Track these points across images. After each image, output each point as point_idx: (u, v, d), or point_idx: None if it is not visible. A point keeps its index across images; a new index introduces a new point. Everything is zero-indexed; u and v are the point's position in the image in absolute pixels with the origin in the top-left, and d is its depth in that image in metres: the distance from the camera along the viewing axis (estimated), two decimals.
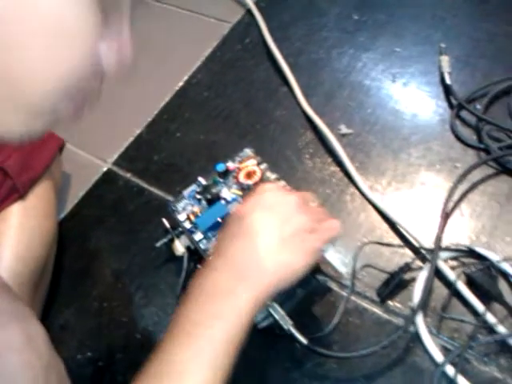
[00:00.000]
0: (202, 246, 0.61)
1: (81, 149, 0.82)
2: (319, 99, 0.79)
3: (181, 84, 0.87)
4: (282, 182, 0.63)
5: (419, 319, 0.57)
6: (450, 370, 0.53)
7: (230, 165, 0.65)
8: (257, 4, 0.94)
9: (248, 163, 0.65)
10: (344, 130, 0.75)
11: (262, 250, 0.44)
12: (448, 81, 0.75)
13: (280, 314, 0.57)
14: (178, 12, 0.99)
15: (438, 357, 0.55)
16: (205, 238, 0.61)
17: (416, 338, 0.57)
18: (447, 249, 0.60)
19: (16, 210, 0.63)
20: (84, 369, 0.61)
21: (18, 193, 0.63)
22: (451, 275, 0.59)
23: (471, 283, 0.58)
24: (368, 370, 0.56)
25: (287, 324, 0.56)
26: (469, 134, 0.71)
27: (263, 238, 0.45)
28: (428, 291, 0.59)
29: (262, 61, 0.87)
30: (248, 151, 0.66)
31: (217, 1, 0.98)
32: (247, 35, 0.92)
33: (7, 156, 0.63)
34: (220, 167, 0.63)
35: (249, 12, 0.94)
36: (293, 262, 0.45)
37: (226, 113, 0.82)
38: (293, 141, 0.76)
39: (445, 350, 0.55)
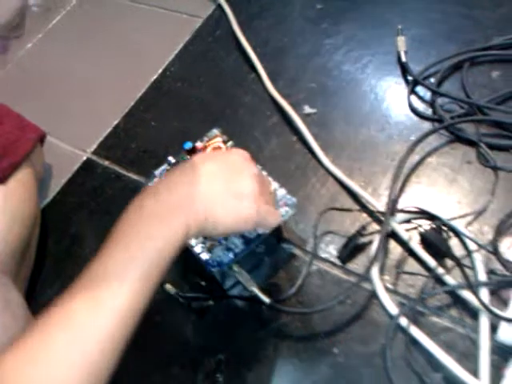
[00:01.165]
0: None
1: (61, 141, 0.85)
2: (285, 83, 0.82)
3: (155, 76, 0.90)
4: None
5: (375, 276, 0.60)
6: (404, 322, 0.56)
7: (198, 144, 0.68)
8: None
9: (215, 141, 0.68)
10: (308, 110, 0.78)
11: (202, 189, 0.46)
12: (404, 59, 0.78)
13: (245, 277, 0.60)
14: (152, 10, 1.03)
15: (393, 310, 0.57)
16: None
17: (373, 295, 0.60)
18: (400, 211, 0.63)
19: None
20: None
21: None
22: (405, 235, 0.62)
23: (424, 242, 0.61)
24: (329, 327, 0.59)
25: (252, 286, 0.59)
26: (424, 108, 0.74)
27: (209, 181, 0.46)
28: (384, 251, 0.62)
29: (231, 51, 0.90)
30: (215, 131, 0.69)
31: None
32: (217, 28, 0.95)
33: None
34: (187, 145, 0.66)
35: (219, 6, 0.98)
36: (220, 215, 0.46)
37: (198, 101, 0.85)
38: (261, 123, 0.79)
39: (401, 306, 0.58)
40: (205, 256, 0.59)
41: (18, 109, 0.76)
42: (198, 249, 0.59)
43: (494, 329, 0.54)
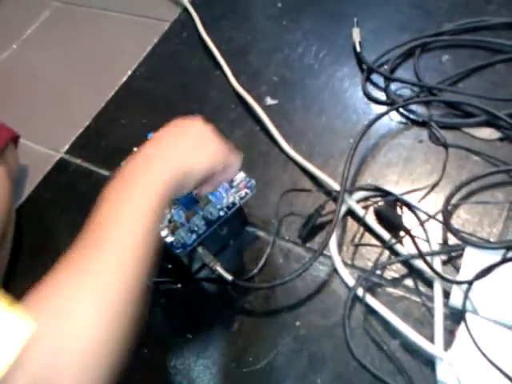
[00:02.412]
0: None
1: (36, 143, 0.85)
2: (248, 78, 0.83)
3: (125, 78, 0.90)
4: None
5: (333, 251, 0.60)
6: (361, 293, 0.57)
7: None
8: (192, 3, 0.99)
9: None
10: (269, 101, 0.79)
11: (170, 148, 0.48)
12: (358, 49, 0.79)
13: (210, 258, 0.60)
14: (122, 17, 1.03)
15: (351, 283, 0.58)
16: None
17: (333, 269, 0.60)
18: (356, 189, 0.64)
19: None
20: None
21: None
22: (360, 212, 0.62)
23: (378, 217, 0.61)
24: (291, 302, 0.59)
25: (216, 265, 0.59)
26: (379, 94, 0.75)
27: (175, 139, 0.50)
28: (342, 228, 0.63)
29: (197, 51, 0.91)
30: None
31: (155, 3, 1.02)
32: (184, 30, 0.95)
33: None
34: (149, 134, 0.66)
35: (185, 10, 0.98)
36: (192, 161, 0.48)
37: (166, 99, 0.85)
38: (225, 116, 0.79)
39: (358, 278, 0.58)
40: (169, 239, 0.59)
41: None
42: (162, 232, 0.59)
43: (446, 296, 0.54)
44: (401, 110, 0.71)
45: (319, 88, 0.79)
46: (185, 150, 0.49)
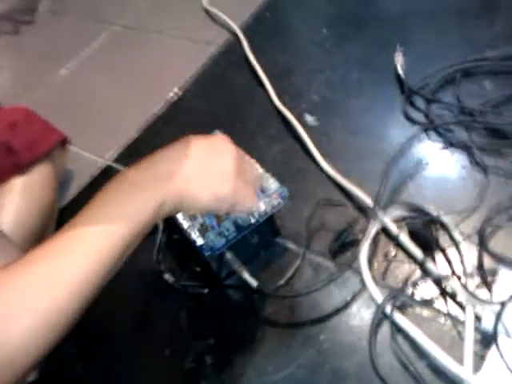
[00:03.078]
0: None
1: (85, 150, 0.88)
2: (290, 97, 0.83)
3: (174, 96, 0.93)
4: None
5: (364, 267, 0.58)
6: (389, 310, 0.54)
7: None
8: (241, 28, 1.01)
9: None
10: (309, 119, 0.78)
11: (183, 167, 0.45)
12: (400, 72, 0.78)
13: (238, 264, 0.59)
14: (174, 40, 1.07)
15: (379, 299, 0.55)
16: None
17: (362, 285, 0.58)
18: (391, 207, 0.62)
19: (18, 183, 0.68)
20: None
21: (21, 168, 0.69)
22: (394, 229, 0.60)
23: (413, 235, 0.59)
24: (317, 315, 0.57)
25: (243, 271, 0.58)
26: (418, 116, 0.74)
27: (191, 159, 0.46)
28: (374, 244, 0.61)
29: (243, 72, 0.92)
30: (217, 131, 0.70)
31: (207, 28, 1.06)
32: (232, 53, 0.98)
33: (14, 137, 0.69)
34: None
35: (234, 35, 1.01)
36: (198, 192, 0.46)
37: (211, 116, 0.87)
38: (265, 132, 0.80)
39: (387, 295, 0.56)
40: (199, 242, 0.59)
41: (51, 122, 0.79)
42: (193, 235, 0.59)
43: (477, 320, 0.51)
44: (441, 132, 0.69)
45: (359, 108, 0.78)
46: (199, 179, 0.46)
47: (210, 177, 0.47)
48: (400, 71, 0.78)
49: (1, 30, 0.43)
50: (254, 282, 0.57)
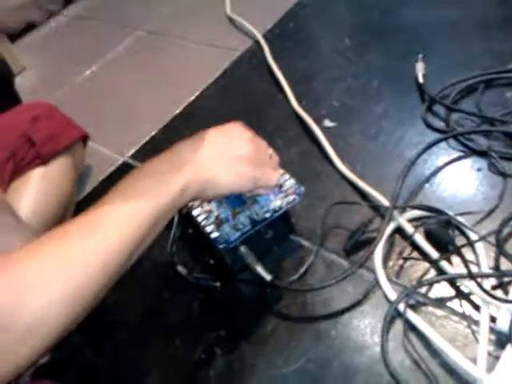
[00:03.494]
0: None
1: (103, 146, 0.90)
2: (309, 102, 0.84)
3: (194, 97, 0.95)
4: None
5: (377, 264, 0.58)
6: (402, 308, 0.53)
7: None
8: (264, 35, 1.03)
9: None
10: (328, 123, 0.79)
11: (204, 154, 0.48)
12: (421, 80, 0.78)
13: (252, 257, 0.59)
14: (197, 45, 1.10)
15: (393, 296, 0.55)
16: None
17: (375, 283, 0.58)
18: (407, 206, 0.62)
19: (37, 174, 0.70)
20: None
21: (41, 159, 0.70)
22: (409, 229, 0.60)
23: (428, 235, 0.59)
24: (329, 311, 0.57)
25: (256, 264, 0.58)
26: (438, 124, 0.74)
27: (211, 147, 0.49)
28: (389, 243, 0.60)
29: (264, 77, 0.94)
30: None
31: (230, 35, 1.08)
32: (253, 59, 0.99)
33: (36, 130, 0.71)
34: None
35: (256, 42, 1.03)
36: (219, 174, 0.48)
37: (229, 117, 0.87)
38: (283, 134, 0.80)
39: (400, 292, 0.56)
40: (214, 234, 0.59)
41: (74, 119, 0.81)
42: (208, 228, 0.60)
43: (492, 321, 0.51)
44: (461, 139, 0.70)
45: (378, 114, 0.78)
46: (219, 163, 0.48)
47: (229, 159, 0.49)
48: (421, 80, 0.78)
49: (28, 18, 0.45)
50: (267, 276, 0.57)
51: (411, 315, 0.53)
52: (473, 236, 0.57)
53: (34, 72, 1.18)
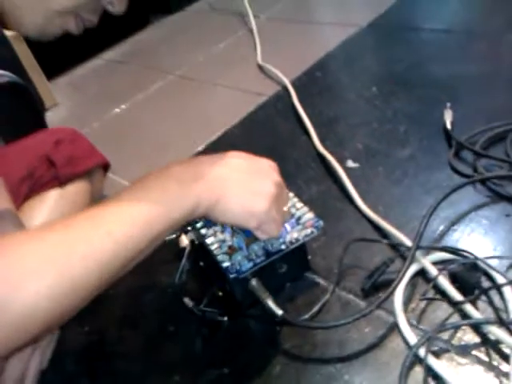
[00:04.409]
0: (202, 231, 0.62)
1: (124, 178, 0.90)
2: (332, 143, 0.83)
3: (218, 135, 0.95)
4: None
5: (397, 306, 0.54)
6: (423, 353, 0.49)
7: None
8: (292, 82, 1.04)
9: None
10: (351, 164, 0.77)
11: (224, 174, 0.47)
12: (449, 126, 0.77)
13: (263, 291, 0.56)
14: (226, 89, 1.12)
15: (413, 340, 0.51)
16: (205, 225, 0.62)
17: (394, 325, 0.53)
18: (430, 247, 0.58)
19: (54, 194, 0.69)
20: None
21: (59, 181, 0.69)
22: (433, 271, 0.56)
23: (453, 278, 0.55)
24: (344, 353, 0.53)
25: (267, 298, 0.55)
26: (465, 169, 0.71)
27: (232, 171, 0.48)
28: (411, 286, 0.57)
29: (289, 119, 0.94)
30: None
31: (258, 81, 1.10)
32: (280, 102, 1.00)
33: (57, 151, 0.71)
34: None
35: (284, 88, 1.04)
36: (231, 199, 0.46)
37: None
38: (304, 173, 0.79)
39: (421, 336, 0.51)
40: (226, 263, 0.56)
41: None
42: (220, 257, 0.57)
43: None
44: (489, 184, 0.67)
45: (404, 158, 0.76)
46: (237, 188, 0.47)
47: (249, 191, 0.47)
48: (449, 126, 0.77)
49: (65, 26, 0.46)
50: (278, 311, 0.53)
51: (433, 361, 0.48)
52: (501, 280, 0.53)
53: (66, 108, 1.21)
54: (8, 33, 1.02)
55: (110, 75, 1.33)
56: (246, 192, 0.47)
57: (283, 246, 0.57)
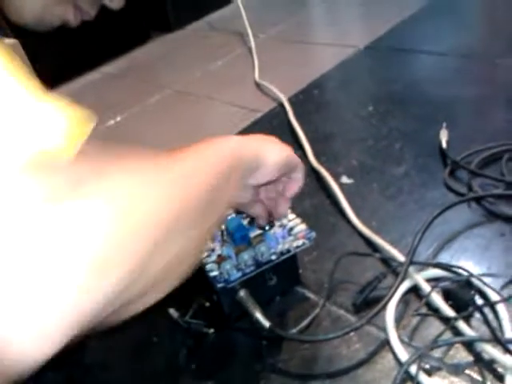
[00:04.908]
0: None
1: None
2: (327, 159, 0.82)
3: None
4: None
5: (389, 322, 0.52)
6: (414, 371, 0.47)
7: None
8: (288, 99, 1.04)
9: None
10: (345, 180, 0.77)
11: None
12: (444, 145, 0.76)
13: (251, 302, 0.54)
14: (222, 105, 1.12)
15: (404, 357, 0.49)
16: None
17: (385, 341, 0.52)
18: (423, 263, 0.57)
19: None
20: None
21: None
22: (426, 287, 0.55)
23: (446, 294, 0.54)
24: (333, 369, 0.51)
25: (255, 310, 0.53)
26: (460, 188, 0.70)
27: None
28: (403, 303, 0.55)
29: (283, 135, 0.91)
30: None
31: (254, 97, 1.10)
32: (275, 118, 1.00)
33: None
34: None
35: (280, 105, 1.04)
36: (269, 149, 0.50)
37: None
38: None
39: (412, 353, 0.50)
40: (213, 273, 0.55)
41: None
42: (208, 266, 0.56)
43: None
44: (484, 203, 0.66)
45: (398, 175, 0.76)
46: (262, 142, 0.51)
47: (272, 143, 0.52)
48: (444, 145, 0.76)
49: (63, 16, 0.45)
50: (266, 323, 0.51)
51: (424, 379, 0.47)
52: (495, 298, 0.52)
53: None
54: (8, 41, 1.02)
55: (106, 88, 1.33)
56: (272, 143, 0.52)
57: (274, 257, 0.56)
